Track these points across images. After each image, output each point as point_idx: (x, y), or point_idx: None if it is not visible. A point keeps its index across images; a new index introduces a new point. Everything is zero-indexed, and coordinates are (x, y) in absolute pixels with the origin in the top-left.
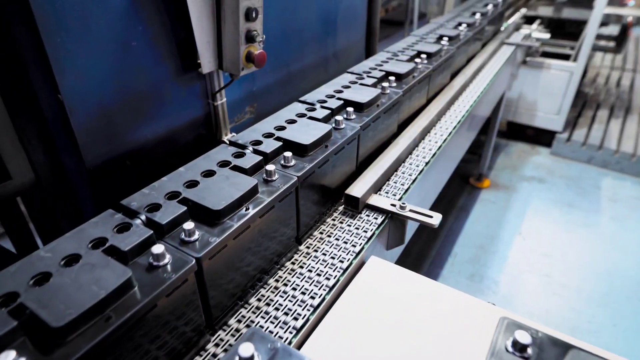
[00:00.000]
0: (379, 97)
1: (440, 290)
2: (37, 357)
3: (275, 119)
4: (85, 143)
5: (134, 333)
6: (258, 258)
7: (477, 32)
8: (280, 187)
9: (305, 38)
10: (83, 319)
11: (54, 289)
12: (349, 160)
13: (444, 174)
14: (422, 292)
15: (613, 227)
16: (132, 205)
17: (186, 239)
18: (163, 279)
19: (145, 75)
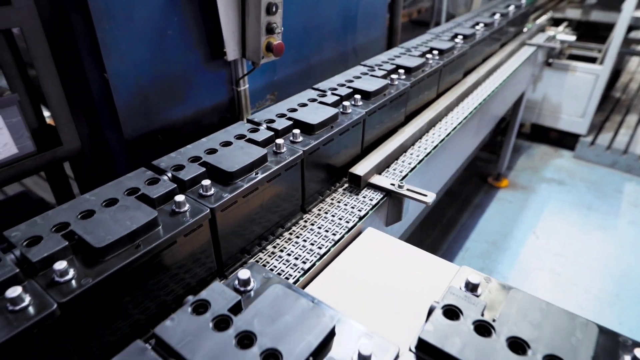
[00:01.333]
0: (386, 87)
1: (420, 255)
2: (82, 270)
3: (289, 102)
4: (125, 118)
5: (157, 262)
6: (266, 219)
7: (494, 32)
8: (287, 158)
9: (325, 33)
10: (118, 243)
11: (97, 222)
12: (354, 143)
13: (449, 167)
14: (406, 256)
15: (631, 232)
16: (161, 165)
17: (203, 194)
18: (182, 222)
19: (177, 61)
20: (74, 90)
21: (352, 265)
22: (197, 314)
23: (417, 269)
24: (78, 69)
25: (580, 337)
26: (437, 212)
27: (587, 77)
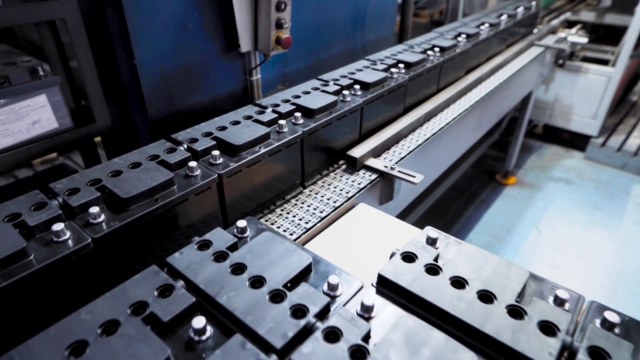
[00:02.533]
0: (385, 79)
1: (404, 226)
2: (111, 215)
3: (294, 90)
4: (150, 101)
5: (172, 215)
6: (268, 189)
7: (499, 32)
8: (288, 137)
9: (334, 31)
10: (140, 196)
11: (124, 179)
12: (352, 128)
13: (447, 158)
14: (392, 226)
15: (634, 230)
16: (178, 137)
17: (213, 162)
18: (194, 183)
19: (197, 51)
20: (106, 75)
21: (343, 231)
22: (200, 250)
23: (399, 235)
24: (110, 57)
25: (512, 279)
26: (442, 206)
27: (599, 79)
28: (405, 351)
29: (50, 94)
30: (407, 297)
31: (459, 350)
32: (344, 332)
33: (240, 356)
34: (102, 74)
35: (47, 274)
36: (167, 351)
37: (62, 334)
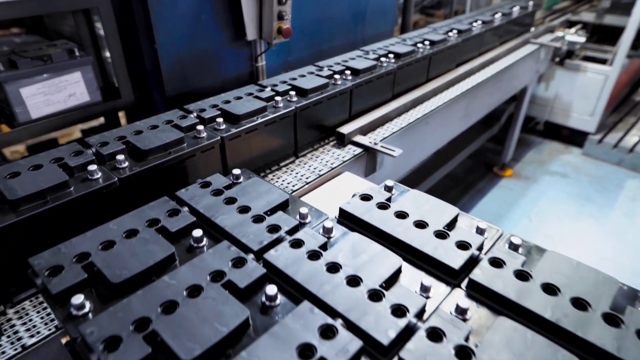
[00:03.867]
0: (375, 67)
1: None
2: (133, 163)
3: (292, 73)
4: (167, 80)
5: (182, 167)
6: (264, 155)
7: (492, 29)
8: (282, 110)
9: (336, 25)
10: (157, 150)
11: (143, 137)
12: (342, 109)
13: (433, 142)
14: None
15: (623, 222)
16: (190, 108)
17: (217, 128)
18: (200, 142)
19: (208, 39)
20: (131, 57)
21: (326, 190)
22: (202, 188)
23: None
24: (135, 42)
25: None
26: (439, 193)
27: (597, 77)
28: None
29: (84, 71)
30: (360, 224)
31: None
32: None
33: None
34: (128, 57)
35: (83, 202)
36: (247, 312)
37: (153, 295)
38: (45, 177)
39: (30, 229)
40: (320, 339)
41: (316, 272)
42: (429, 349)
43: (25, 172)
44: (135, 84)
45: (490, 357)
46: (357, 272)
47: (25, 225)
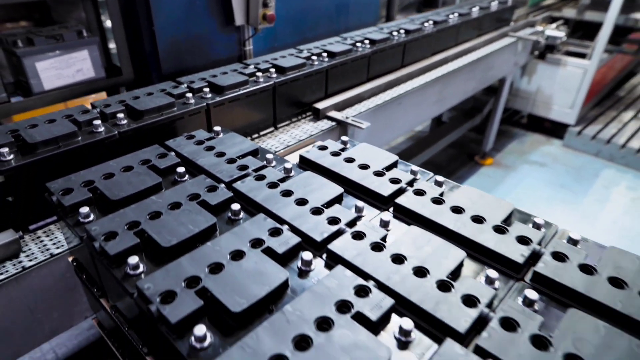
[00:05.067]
0: (350, 50)
1: None
2: (131, 121)
3: (275, 55)
4: (164, 59)
5: (172, 127)
6: (247, 123)
7: (468, 21)
8: (262, 84)
9: (320, 14)
10: (151, 111)
11: (141, 101)
12: (319, 87)
13: (405, 122)
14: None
15: (594, 207)
16: (181, 80)
17: (204, 96)
18: (188, 106)
19: (201, 24)
20: (132, 38)
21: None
22: (187, 139)
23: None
24: (135, 24)
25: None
26: None
27: (577, 71)
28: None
29: (91, 50)
30: (315, 167)
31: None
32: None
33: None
34: (129, 38)
35: (88, 149)
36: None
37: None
38: (58, 128)
39: (46, 168)
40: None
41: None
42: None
43: (42, 124)
44: (135, 63)
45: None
46: (308, 197)
47: (41, 165)
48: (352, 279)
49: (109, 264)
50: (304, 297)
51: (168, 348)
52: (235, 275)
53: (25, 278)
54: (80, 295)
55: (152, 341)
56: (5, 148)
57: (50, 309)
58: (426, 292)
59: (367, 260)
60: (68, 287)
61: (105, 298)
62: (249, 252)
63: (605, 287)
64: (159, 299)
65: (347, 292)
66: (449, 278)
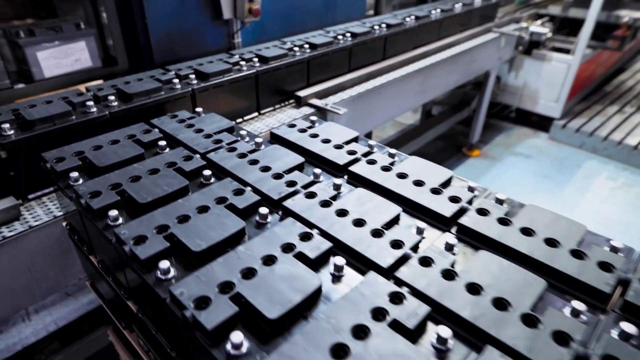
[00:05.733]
0: (331, 43)
1: None
2: (121, 103)
3: (260, 46)
4: (156, 50)
5: (162, 110)
6: (231, 109)
7: (450, 17)
8: (245, 71)
9: (307, 10)
10: (140, 94)
11: (131, 85)
12: (301, 76)
13: (386, 112)
14: None
15: (574, 196)
16: (170, 68)
17: (189, 82)
18: (175, 90)
19: (192, 17)
20: (127, 31)
21: None
22: (171, 118)
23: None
24: (130, 18)
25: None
26: None
27: (561, 66)
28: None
29: (88, 41)
30: (283, 142)
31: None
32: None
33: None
34: (124, 30)
35: (81, 127)
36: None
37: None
38: (54, 108)
39: (42, 142)
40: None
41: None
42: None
43: (40, 104)
44: (130, 54)
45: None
46: (271, 164)
47: (38, 139)
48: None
49: (117, 244)
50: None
51: (203, 354)
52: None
53: (24, 239)
54: (74, 258)
55: (183, 347)
56: (6, 124)
57: (46, 268)
58: (362, 237)
59: (313, 213)
60: (62, 249)
61: (94, 255)
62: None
63: (516, 234)
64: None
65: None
66: (383, 227)
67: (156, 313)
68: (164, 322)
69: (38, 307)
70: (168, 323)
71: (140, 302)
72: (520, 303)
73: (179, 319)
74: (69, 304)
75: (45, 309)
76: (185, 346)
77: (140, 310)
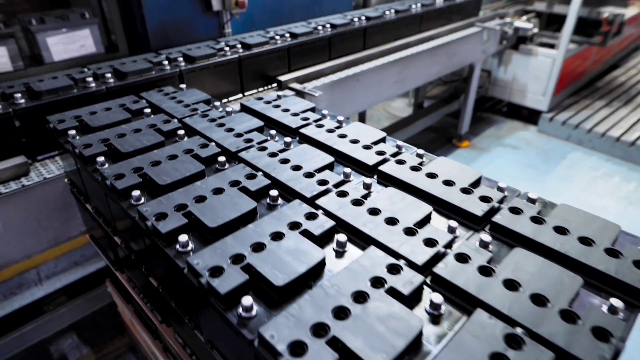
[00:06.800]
0: (311, 32)
1: None
2: (117, 80)
3: (244, 35)
4: (152, 38)
5: (149, 89)
6: (217, 88)
7: (431, 11)
8: (229, 56)
9: (295, 3)
10: (134, 73)
11: (127, 66)
12: (282, 63)
13: (365, 97)
14: None
15: (556, 184)
16: (161, 52)
17: (178, 64)
18: (165, 71)
19: (185, 9)
20: (126, 21)
21: None
22: (158, 92)
23: None
24: (129, 9)
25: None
26: None
27: (546, 60)
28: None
29: (92, 29)
30: (253, 113)
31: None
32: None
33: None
34: (124, 20)
35: (82, 99)
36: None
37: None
38: (59, 82)
39: (48, 110)
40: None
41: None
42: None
43: (47, 79)
44: (130, 41)
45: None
46: (235, 127)
47: (44, 108)
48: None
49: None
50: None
51: (217, 318)
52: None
53: (32, 192)
54: (75, 212)
55: (199, 313)
56: (18, 94)
57: (51, 219)
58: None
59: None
60: (65, 203)
61: (89, 202)
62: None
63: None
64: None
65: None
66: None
67: (172, 280)
68: (181, 290)
69: (49, 274)
70: (186, 291)
71: (157, 274)
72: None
73: (195, 287)
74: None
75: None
76: (201, 313)
77: (157, 282)
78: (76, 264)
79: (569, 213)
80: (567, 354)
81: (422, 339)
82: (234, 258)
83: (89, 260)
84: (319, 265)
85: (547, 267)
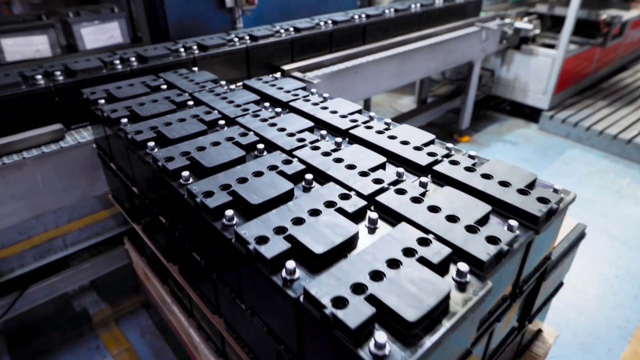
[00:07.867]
0: (314, 27)
1: None
2: (140, 64)
3: (252, 29)
4: (172, 31)
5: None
6: (227, 74)
7: (430, 10)
8: (238, 46)
9: (302, 2)
10: (155, 58)
11: (149, 52)
12: (285, 53)
13: (363, 88)
14: None
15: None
16: (179, 42)
17: (192, 52)
18: (181, 57)
19: (201, 5)
20: (150, 16)
21: None
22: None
23: None
24: (152, 5)
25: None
26: None
27: (546, 60)
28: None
29: (120, 22)
30: (255, 91)
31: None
32: None
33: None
34: (148, 14)
35: (110, 78)
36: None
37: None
38: (92, 63)
39: (81, 86)
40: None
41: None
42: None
43: (82, 61)
44: (152, 34)
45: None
46: (234, 100)
47: (78, 84)
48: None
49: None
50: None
51: (264, 282)
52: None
53: (65, 153)
54: (100, 174)
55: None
56: (58, 72)
57: (80, 178)
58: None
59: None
60: (93, 165)
61: (114, 163)
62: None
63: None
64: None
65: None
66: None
67: (216, 250)
68: (226, 258)
69: (74, 241)
70: (229, 258)
71: (199, 245)
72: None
73: (241, 254)
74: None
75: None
76: (246, 278)
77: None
78: (97, 234)
79: (497, 165)
80: (462, 250)
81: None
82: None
83: (109, 231)
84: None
85: (467, 200)
